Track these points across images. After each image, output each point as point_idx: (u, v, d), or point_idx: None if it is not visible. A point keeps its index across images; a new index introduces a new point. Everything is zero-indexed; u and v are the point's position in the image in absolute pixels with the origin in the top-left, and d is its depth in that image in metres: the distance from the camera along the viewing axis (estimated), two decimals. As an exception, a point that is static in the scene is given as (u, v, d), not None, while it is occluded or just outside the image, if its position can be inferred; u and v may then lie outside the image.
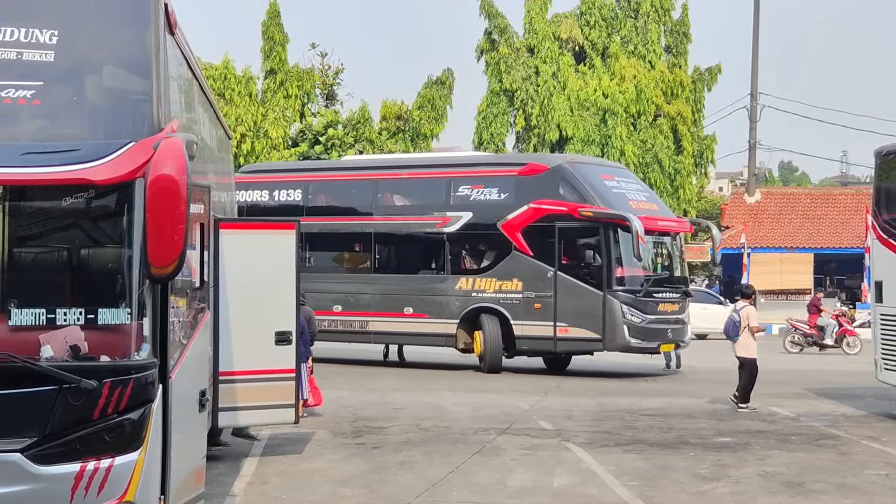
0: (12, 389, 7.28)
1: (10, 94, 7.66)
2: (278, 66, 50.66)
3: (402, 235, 28.43)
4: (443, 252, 27.42)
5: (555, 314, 25.51)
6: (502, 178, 26.94)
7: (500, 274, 26.30)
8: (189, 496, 8.78)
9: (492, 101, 56.53)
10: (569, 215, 25.39)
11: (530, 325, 25.88)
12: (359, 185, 29.55)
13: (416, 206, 28.24)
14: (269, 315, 13.58)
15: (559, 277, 25.51)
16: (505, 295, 26.17)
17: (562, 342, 25.91)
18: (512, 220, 26.11)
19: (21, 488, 7.29)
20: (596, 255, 25.35)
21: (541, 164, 27.34)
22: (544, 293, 25.65)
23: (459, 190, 27.18)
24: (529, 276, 25.86)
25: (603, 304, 25.08)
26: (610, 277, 25.08)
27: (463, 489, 12.83)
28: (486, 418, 18.52)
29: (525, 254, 25.98)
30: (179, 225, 7.10)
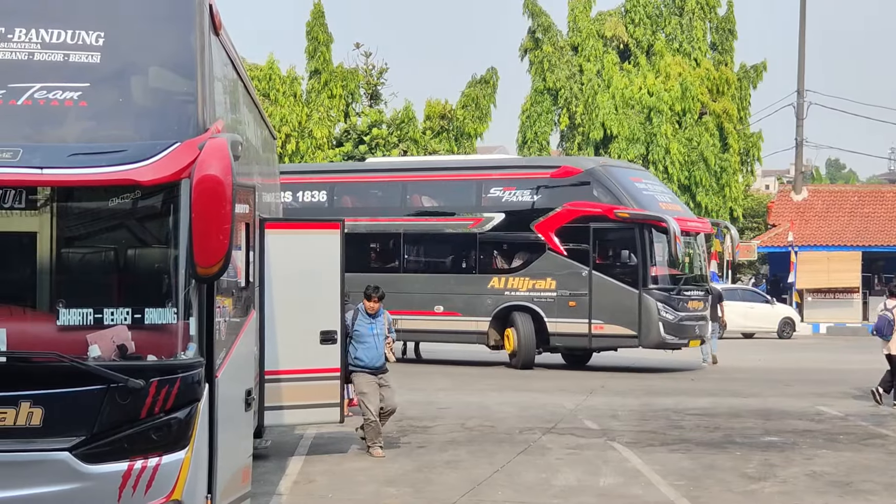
0: (61, 389, 7.33)
1: (57, 95, 7.71)
2: (323, 66, 50.82)
3: (432, 236, 28.88)
4: (474, 252, 28.01)
5: (590, 312, 26.18)
6: (535, 181, 27.54)
7: (534, 273, 26.87)
8: (235, 495, 8.82)
9: (536, 100, 56.43)
10: (604, 216, 26.08)
11: (565, 322, 26.51)
12: (388, 186, 29.88)
13: (447, 207, 28.73)
14: (314, 314, 13.62)
15: (594, 276, 26.18)
16: (539, 293, 26.75)
17: (597, 339, 26.57)
18: (546, 221, 26.72)
19: (69, 487, 7.34)
20: (631, 254, 26.11)
21: (574, 166, 27.89)
22: (579, 291, 26.29)
23: (491, 192, 27.76)
24: (563, 275, 26.49)
25: (639, 302, 25.80)
26: (646, 276, 25.84)
27: (508, 489, 12.82)
28: (532, 418, 18.49)
29: (559, 253, 26.60)
30: (225, 225, 7.12)
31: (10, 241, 8.87)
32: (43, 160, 7.30)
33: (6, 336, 7.39)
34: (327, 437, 16.01)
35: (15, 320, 7.62)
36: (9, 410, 7.23)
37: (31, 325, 7.70)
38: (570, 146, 56.51)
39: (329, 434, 16.13)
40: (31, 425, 7.26)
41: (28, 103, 7.66)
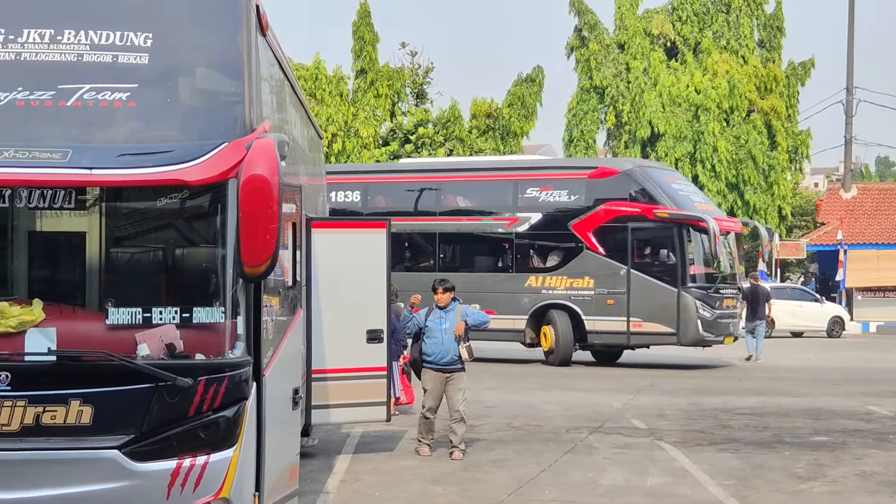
0: (110, 388, 7.38)
1: (106, 96, 7.76)
2: (369, 65, 50.94)
3: (468, 235, 29.37)
4: (511, 251, 28.48)
5: (628, 310, 26.69)
6: (572, 181, 28.00)
7: (571, 272, 27.37)
8: (283, 493, 8.85)
9: (582, 99, 56.30)
10: (642, 216, 26.61)
11: (603, 320, 27.01)
12: (424, 186, 30.20)
13: (483, 207, 29.14)
14: (361, 313, 13.66)
15: (632, 275, 26.67)
16: (576, 292, 27.26)
17: (635, 336, 27.06)
18: (583, 221, 27.20)
19: (119, 485, 7.39)
20: (670, 253, 26.57)
21: (612, 167, 28.29)
22: (617, 290, 26.78)
23: (528, 192, 28.19)
24: (601, 274, 26.98)
25: (677, 300, 26.31)
26: (684, 274, 26.43)
27: (555, 488, 12.80)
28: (578, 417, 18.45)
29: (597, 253, 27.10)
30: (272, 225, 7.14)
31: (59, 241, 8.96)
32: (92, 161, 7.35)
33: (56, 335, 7.46)
34: (374, 436, 16.04)
35: (65, 319, 7.68)
36: (59, 409, 7.30)
37: (80, 325, 7.76)
38: (617, 144, 56.35)
39: (376, 432, 16.16)
40: (81, 424, 7.31)
41: (77, 104, 7.72)
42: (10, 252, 8.69)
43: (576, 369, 27.29)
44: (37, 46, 7.91)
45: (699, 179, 53.09)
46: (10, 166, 7.25)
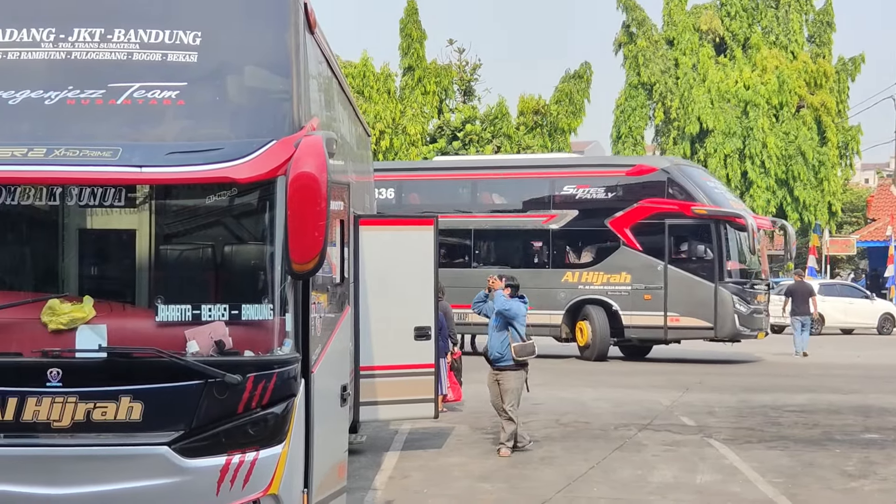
0: (160, 384, 7.43)
1: (155, 95, 7.80)
2: (416, 62, 50.99)
3: (505, 231, 29.66)
4: (547, 247, 28.91)
5: (665, 304, 27.23)
6: (609, 179, 28.49)
7: (608, 267, 27.82)
8: (331, 489, 8.87)
9: (630, 95, 56.09)
10: (680, 213, 27.09)
11: (640, 315, 27.54)
12: (460, 184, 30.62)
13: (519, 204, 29.55)
14: (409, 310, 13.68)
15: (670, 270, 27.18)
16: (613, 287, 27.71)
17: (672, 330, 27.58)
18: (620, 218, 27.65)
19: (169, 481, 7.43)
20: (707, 249, 27.16)
21: (649, 165, 28.85)
22: (654, 285, 27.28)
23: (564, 189, 28.61)
24: (638, 270, 27.44)
25: (715, 295, 26.82)
26: (721, 270, 26.90)
27: (603, 485, 12.76)
28: (627, 414, 18.40)
29: (634, 249, 27.55)
30: (320, 222, 7.15)
31: (110, 239, 9.02)
32: (142, 159, 7.39)
33: (106, 332, 7.50)
34: (422, 433, 16.06)
35: (115, 316, 7.72)
36: (109, 405, 7.34)
37: (130, 322, 7.80)
38: (665, 141, 56.10)
39: (423, 429, 16.18)
40: (131, 420, 7.35)
41: (127, 103, 7.76)
42: (61, 250, 8.76)
43: (622, 366, 27.30)
44: (87, 45, 7.97)
45: (748, 175, 52.81)
46: (60, 164, 7.30)
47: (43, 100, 7.74)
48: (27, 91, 7.76)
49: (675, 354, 29.34)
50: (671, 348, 29.20)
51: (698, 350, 30.09)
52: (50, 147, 7.38)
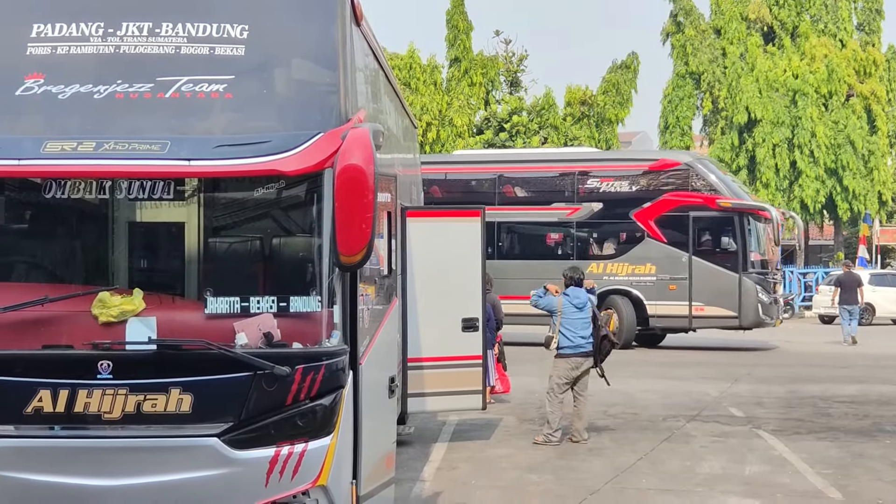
0: (209, 376, 7.47)
1: (203, 88, 7.84)
2: (463, 54, 50.95)
3: (529, 224, 30.27)
4: (572, 239, 29.68)
5: (690, 294, 28.13)
6: (634, 172, 29.38)
7: (633, 259, 28.69)
8: (380, 480, 8.89)
9: (677, 85, 55.76)
10: (704, 206, 28.07)
11: (665, 304, 28.43)
12: (484, 177, 31.09)
13: (544, 197, 30.21)
14: (456, 302, 13.68)
15: (694, 261, 28.11)
16: (638, 278, 28.58)
17: (697, 319, 28.59)
18: (645, 210, 28.55)
19: (218, 472, 7.47)
20: (731, 240, 28.12)
21: (673, 159, 29.84)
22: (679, 276, 28.22)
23: (589, 182, 29.48)
24: (663, 261, 28.37)
25: (739, 285, 27.84)
26: (745, 261, 27.98)
27: (652, 476, 12.73)
28: (675, 405, 18.34)
29: (659, 240, 28.48)
30: (367, 214, 7.16)
31: (159, 232, 9.08)
32: (190, 152, 7.43)
33: (156, 324, 7.55)
34: (469, 424, 16.07)
35: (164, 309, 7.77)
36: (159, 397, 7.39)
37: (179, 314, 7.84)
38: (714, 131, 55.77)
39: (471, 421, 16.20)
40: (181, 412, 7.40)
41: (175, 96, 7.80)
42: (111, 243, 8.82)
43: (669, 357, 27.23)
44: (135, 39, 8.01)
45: (797, 165, 52.42)
46: (110, 158, 7.35)
47: (92, 94, 7.80)
48: (76, 85, 7.82)
49: (693, 343, 30.00)
50: (682, 336, 30.12)
51: (709, 338, 30.68)
52: (99, 141, 7.43)
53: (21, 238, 8.91)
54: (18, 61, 7.96)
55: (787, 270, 49.83)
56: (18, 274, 8.71)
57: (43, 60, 7.94)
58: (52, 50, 7.98)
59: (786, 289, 48.13)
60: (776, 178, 51.90)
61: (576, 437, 14.77)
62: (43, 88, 7.82)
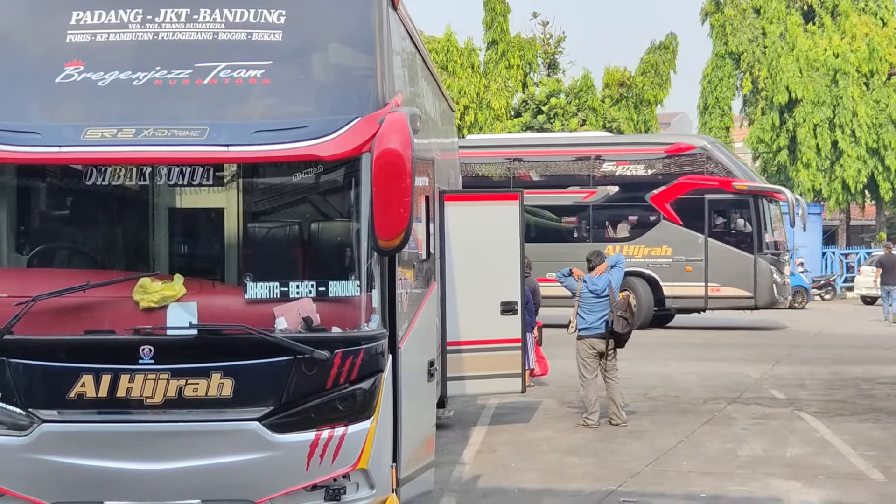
0: (249, 360, 7.51)
1: (241, 74, 7.86)
2: (500, 36, 50.78)
3: (546, 207, 30.37)
4: (588, 222, 30.13)
5: (706, 276, 28.72)
6: (650, 156, 29.83)
7: (649, 241, 29.17)
8: (420, 464, 8.92)
9: (717, 65, 55.35)
10: (720, 189, 28.63)
11: (681, 286, 28.96)
12: (498, 162, 31.26)
13: (560, 181, 30.52)
14: (495, 285, 13.67)
15: (710, 243, 28.70)
16: (654, 260, 29.08)
17: (713, 300, 29.15)
18: (661, 193, 29.03)
19: (259, 456, 7.52)
20: (746, 222, 28.78)
21: (689, 143, 30.10)
22: (695, 257, 28.78)
23: (604, 167, 29.96)
24: (679, 243, 28.92)
25: (754, 266, 28.49)
26: (760, 242, 28.67)
27: (693, 459, 12.71)
28: (716, 387, 18.28)
29: (674, 223, 28.99)
30: (405, 198, 7.17)
31: (198, 217, 9.13)
32: (229, 138, 7.46)
33: (197, 310, 7.59)
34: (509, 407, 16.09)
35: (205, 294, 7.81)
36: (201, 381, 7.44)
37: (220, 299, 7.89)
38: (753, 111, 55.38)
39: (511, 404, 16.21)
40: (222, 396, 7.45)
41: (214, 82, 7.83)
42: (152, 228, 8.88)
43: (708, 338, 27.14)
44: (174, 26, 8.05)
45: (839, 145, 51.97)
46: (149, 144, 7.41)
47: (131, 81, 7.84)
48: (116, 72, 7.86)
49: (689, 323, 30.58)
50: (688, 317, 30.72)
51: (712, 318, 31.10)
52: (139, 127, 7.48)
53: (62, 224, 8.99)
54: (58, 49, 8.01)
55: (829, 251, 49.56)
56: (60, 260, 8.79)
57: (82, 48, 7.99)
58: (91, 37, 8.03)
59: (827, 270, 47.88)
60: (817, 158, 51.47)
61: (614, 419, 14.76)
62: (83, 76, 7.86)
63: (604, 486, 11.40)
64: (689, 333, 28.62)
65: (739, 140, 56.70)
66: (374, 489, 7.76)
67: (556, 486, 11.42)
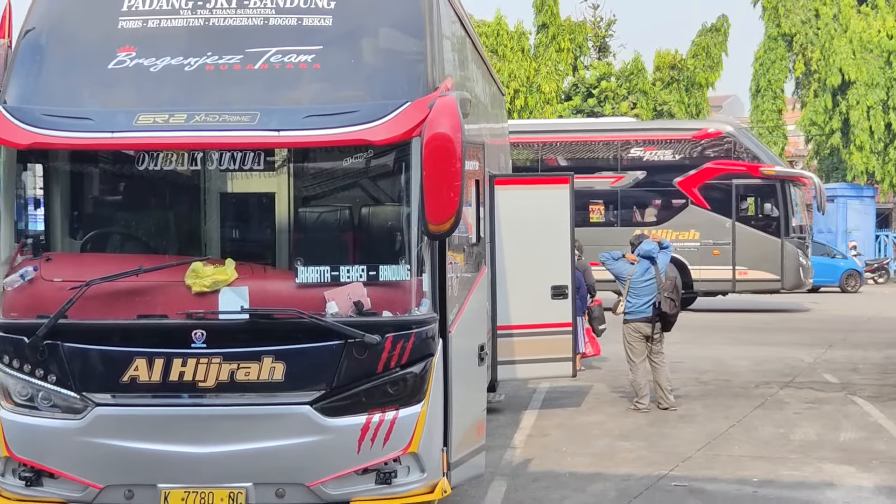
0: (301, 345, 7.54)
1: (291, 59, 7.88)
2: (550, 20, 50.60)
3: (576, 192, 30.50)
4: (616, 207, 30.40)
5: (733, 259, 29.10)
6: (677, 142, 30.14)
7: (677, 225, 29.46)
8: (470, 447, 8.93)
9: (769, 47, 54.86)
10: (747, 174, 29.03)
11: (708, 269, 29.29)
12: (527, 147, 31.18)
13: (588, 166, 30.54)
14: (545, 269, 13.63)
15: (737, 227, 29.12)
16: (682, 244, 28.97)
17: (741, 283, 29.62)
18: (689, 178, 29.38)
19: (311, 439, 7.56)
20: (773, 207, 29.22)
21: (716, 129, 30.44)
22: (722, 241, 29.15)
23: (632, 152, 30.28)
24: (706, 227, 29.25)
25: (781, 249, 28.87)
26: (787, 226, 29.09)
27: (745, 443, 12.65)
28: (768, 371, 18.18)
29: (702, 207, 29.37)
30: (455, 182, 7.17)
31: (249, 202, 9.18)
32: (280, 123, 7.49)
33: (248, 294, 7.63)
34: (560, 391, 16.07)
35: (256, 278, 7.85)
36: (252, 365, 7.49)
37: (271, 283, 7.92)
38: (806, 93, 54.86)
39: (562, 388, 16.19)
40: (274, 380, 7.49)
41: (264, 67, 7.86)
42: (203, 213, 8.94)
43: (760, 322, 26.98)
44: (224, 12, 8.08)
45: (892, 127, 51.42)
46: (201, 130, 7.44)
47: (183, 66, 7.88)
48: (167, 58, 7.90)
49: (710, 305, 30.75)
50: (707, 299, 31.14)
51: (731, 301, 31.73)
52: (190, 113, 7.52)
53: (115, 209, 9.07)
54: (111, 35, 8.06)
55: (883, 234, 49.12)
56: (113, 245, 8.87)
57: (134, 34, 8.03)
58: (143, 23, 8.07)
59: (880, 253, 47.47)
60: (871, 140, 50.94)
61: (662, 403, 14.71)
62: (135, 61, 7.91)
63: (655, 470, 11.37)
64: (742, 317, 28.49)
65: (791, 123, 56.20)
66: (424, 473, 7.78)
67: (607, 471, 11.40)
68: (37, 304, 7.67)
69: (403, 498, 7.79)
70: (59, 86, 8.07)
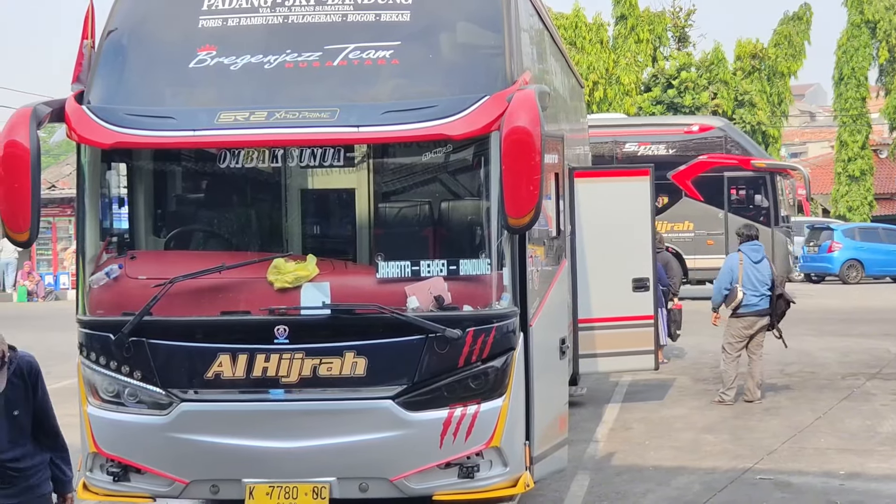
0: (382, 339, 7.57)
1: (370, 55, 7.90)
2: (629, 11, 50.38)
3: None
4: None
5: (727, 248, 28.70)
6: (671, 137, 30.85)
7: (671, 217, 29.83)
8: (553, 441, 8.91)
9: (852, 35, 54.14)
10: (739, 166, 29.65)
11: (703, 258, 29.71)
12: None
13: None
14: (626, 262, 13.57)
15: (730, 218, 29.33)
16: (677, 234, 29.87)
17: None
18: (683, 172, 29.77)
19: (393, 434, 7.59)
20: (763, 198, 29.82)
21: (707, 124, 31.45)
22: (716, 231, 29.73)
23: (626, 147, 30.57)
24: (700, 218, 29.93)
25: (772, 239, 28.79)
26: (777, 216, 29.80)
27: (830, 436, 12.50)
28: (855, 363, 17.96)
29: (696, 199, 29.92)
30: (535, 176, 7.15)
31: (330, 198, 9.23)
32: (359, 118, 7.52)
33: (329, 289, 7.67)
34: (642, 385, 15.99)
35: (337, 274, 7.88)
36: (334, 360, 7.52)
37: (352, 279, 7.96)
38: (890, 81, 54.07)
39: (644, 381, 16.11)
40: (356, 375, 7.53)
41: (343, 64, 7.88)
42: (285, 210, 9.01)
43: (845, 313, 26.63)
44: (303, 9, 8.11)
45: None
46: (281, 127, 7.50)
47: (262, 64, 7.93)
48: (247, 56, 7.96)
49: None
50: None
51: None
52: (271, 110, 7.57)
53: (198, 207, 9.16)
54: (191, 35, 8.14)
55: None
56: (196, 242, 8.96)
57: (214, 33, 8.10)
58: (222, 22, 8.13)
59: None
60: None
61: (748, 396, 14.58)
62: (215, 60, 7.98)
63: (740, 463, 11.28)
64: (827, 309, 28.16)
65: (875, 111, 55.42)
66: (507, 467, 7.77)
67: (690, 464, 11.32)
68: (122, 302, 7.77)
69: (486, 492, 7.79)
70: (141, 85, 8.17)
